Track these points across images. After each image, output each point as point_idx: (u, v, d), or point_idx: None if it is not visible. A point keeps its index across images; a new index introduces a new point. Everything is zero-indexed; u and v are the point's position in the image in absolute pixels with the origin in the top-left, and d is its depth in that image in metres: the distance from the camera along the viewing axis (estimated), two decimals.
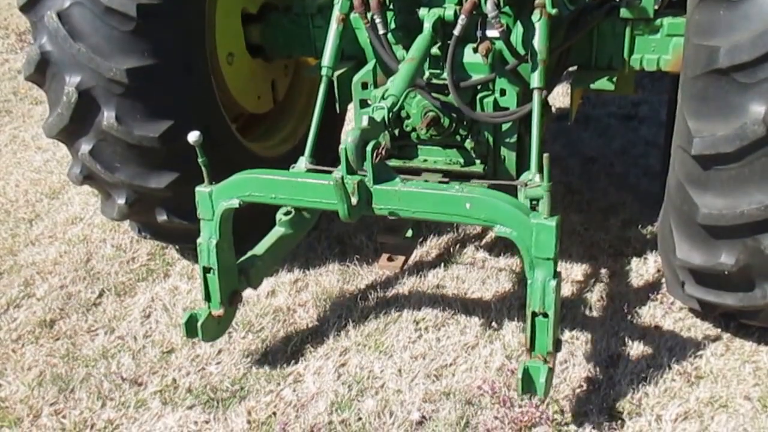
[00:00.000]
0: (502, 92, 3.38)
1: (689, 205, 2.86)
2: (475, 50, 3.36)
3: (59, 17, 3.29)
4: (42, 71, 3.46)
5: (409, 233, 3.76)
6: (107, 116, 3.43)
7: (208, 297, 3.24)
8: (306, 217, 3.53)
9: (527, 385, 2.74)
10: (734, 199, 2.68)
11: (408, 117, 3.57)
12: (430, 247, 4.44)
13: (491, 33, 3.37)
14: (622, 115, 6.15)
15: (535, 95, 3.26)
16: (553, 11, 3.23)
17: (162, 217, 3.86)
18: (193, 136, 2.96)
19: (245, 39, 4.21)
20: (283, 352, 3.63)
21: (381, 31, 3.34)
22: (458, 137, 3.57)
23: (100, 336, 3.82)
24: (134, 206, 3.80)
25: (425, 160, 3.69)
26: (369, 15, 3.34)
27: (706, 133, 2.66)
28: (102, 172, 3.62)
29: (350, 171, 2.79)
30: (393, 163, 3.70)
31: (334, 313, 3.89)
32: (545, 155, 2.65)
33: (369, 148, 2.77)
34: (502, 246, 4.32)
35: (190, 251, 4.40)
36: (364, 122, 2.86)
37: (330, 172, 2.94)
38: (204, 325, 3.22)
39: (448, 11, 3.40)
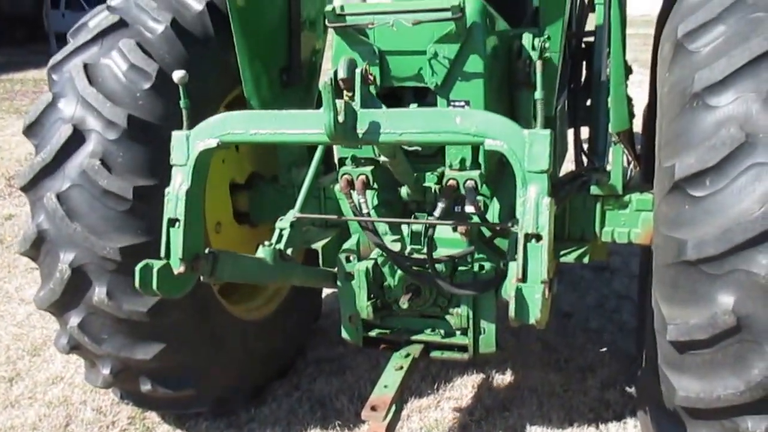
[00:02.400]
0: (481, 267, 3.54)
1: (667, 387, 2.95)
2: (455, 230, 3.54)
3: (58, 198, 3.44)
4: (37, 247, 3.58)
5: (392, 410, 3.79)
6: (98, 292, 3.53)
7: (168, 254, 2.88)
8: (286, 257, 3.47)
9: (521, 308, 2.46)
10: (710, 383, 2.75)
11: (390, 289, 3.70)
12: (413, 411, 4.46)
13: (469, 209, 3.56)
14: (594, 266, 6.34)
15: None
16: None
17: (146, 387, 3.90)
18: (178, 75, 2.87)
19: (233, 207, 4.40)
20: None
21: (365, 210, 3.52)
22: (438, 309, 3.69)
23: None
24: (119, 376, 3.84)
25: (407, 331, 3.78)
26: (354, 195, 3.53)
27: (679, 320, 2.77)
28: (89, 344, 3.68)
29: (338, 95, 2.67)
30: (374, 333, 3.80)
31: None
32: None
33: (358, 71, 2.72)
34: (483, 411, 4.37)
35: (170, 416, 4.39)
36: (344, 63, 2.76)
37: None
38: (160, 274, 2.79)
39: (428, 194, 3.61)
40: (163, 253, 2.93)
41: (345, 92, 2.77)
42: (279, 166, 4.36)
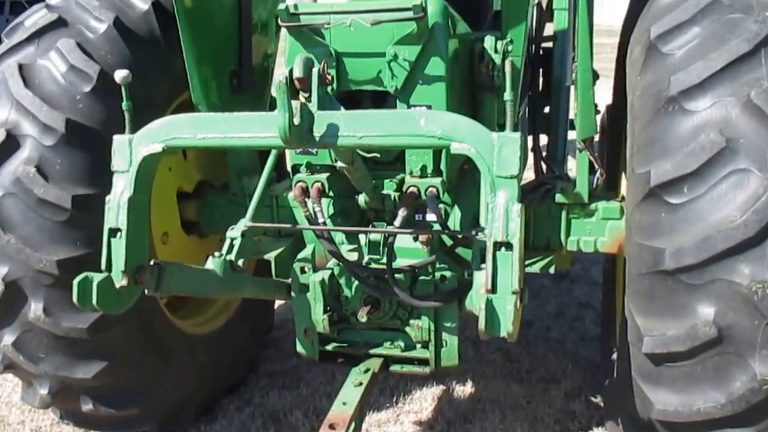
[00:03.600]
0: (443, 278, 3.40)
1: (642, 400, 2.85)
2: (416, 239, 3.40)
3: None
4: None
5: (352, 428, 3.62)
6: (34, 308, 3.30)
7: (109, 266, 2.67)
8: (237, 269, 3.29)
9: (491, 321, 2.32)
10: (689, 396, 2.66)
11: (347, 301, 3.54)
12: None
13: (430, 217, 3.42)
14: (554, 274, 6.25)
15: None
16: None
17: (87, 406, 3.67)
18: (120, 74, 2.70)
19: (180, 216, 4.19)
20: None
21: (320, 219, 3.35)
22: (398, 321, 3.54)
23: None
24: (58, 395, 3.61)
25: (365, 344, 3.63)
26: (309, 203, 3.37)
27: (656, 331, 2.67)
28: (25, 363, 3.44)
29: (293, 96, 2.52)
30: (331, 347, 3.63)
31: None
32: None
33: (315, 70, 2.60)
34: None
35: None
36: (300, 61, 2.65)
37: None
38: (101, 289, 2.59)
39: (387, 202, 3.46)
40: (103, 266, 2.71)
41: (301, 93, 2.61)
42: (229, 173, 4.16)
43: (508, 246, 2.40)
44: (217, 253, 3.29)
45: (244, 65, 3.96)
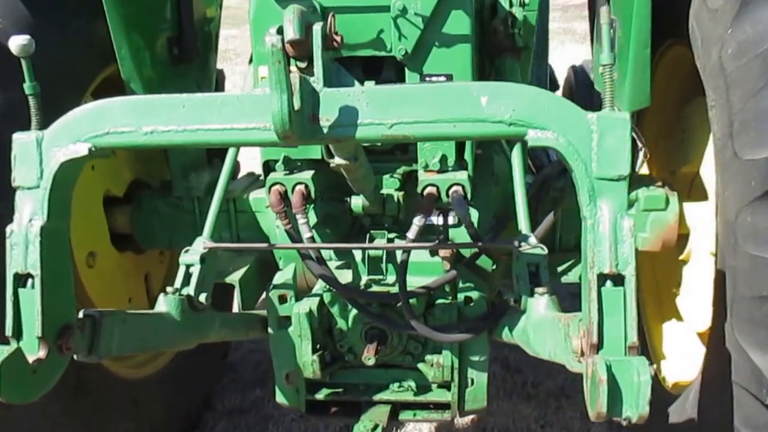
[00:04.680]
0: (467, 301, 2.61)
1: None
2: (433, 253, 2.60)
3: None
4: None
5: None
6: None
7: (18, 330, 1.87)
8: (199, 307, 2.46)
9: (613, 397, 1.57)
10: None
11: (342, 336, 2.72)
12: None
13: (438, 220, 2.63)
14: None
15: None
16: None
17: None
18: (17, 42, 1.85)
19: (109, 228, 3.27)
20: None
21: (306, 235, 2.52)
22: (410, 358, 2.75)
23: None
24: None
25: (367, 389, 2.82)
26: (293, 214, 2.53)
27: None
28: None
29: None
30: (322, 395, 2.81)
31: None
32: None
33: (317, 29, 1.74)
34: None
35: None
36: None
37: None
38: (6, 369, 1.77)
39: (389, 205, 2.65)
40: (9, 332, 1.86)
41: (296, 63, 1.75)
42: (171, 170, 3.25)
43: (618, 280, 1.67)
44: (170, 289, 2.41)
45: (185, 29, 3.06)
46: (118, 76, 2.84)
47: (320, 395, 2.81)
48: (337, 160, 2.13)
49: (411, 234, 2.42)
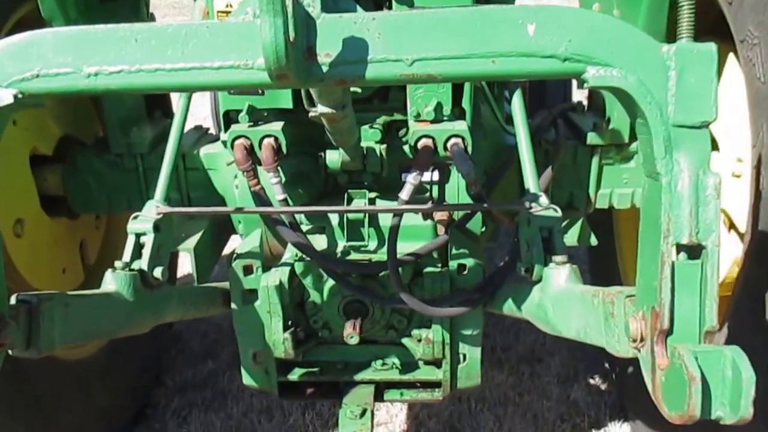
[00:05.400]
0: (460, 269, 2.31)
1: None
2: (427, 216, 2.28)
3: None
4: None
5: None
6: None
7: None
8: (155, 283, 2.10)
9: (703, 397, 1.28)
10: None
11: (317, 309, 2.40)
12: None
13: (425, 176, 2.30)
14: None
15: None
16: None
17: None
18: None
19: (38, 191, 2.84)
20: None
21: (279, 196, 2.16)
22: (393, 333, 2.45)
23: None
24: None
25: (346, 367, 2.52)
26: (261, 172, 2.17)
27: None
28: None
29: None
30: (296, 376, 2.49)
31: None
32: None
33: None
34: None
35: None
36: None
37: None
38: None
39: (371, 159, 2.31)
40: None
41: None
42: (107, 124, 2.84)
43: (695, 251, 1.36)
44: (118, 264, 2.03)
45: None
46: (37, 15, 2.40)
47: (294, 376, 2.49)
48: (321, 109, 1.77)
49: (404, 194, 2.09)
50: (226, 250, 2.88)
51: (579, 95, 3.85)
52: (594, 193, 2.76)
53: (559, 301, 1.91)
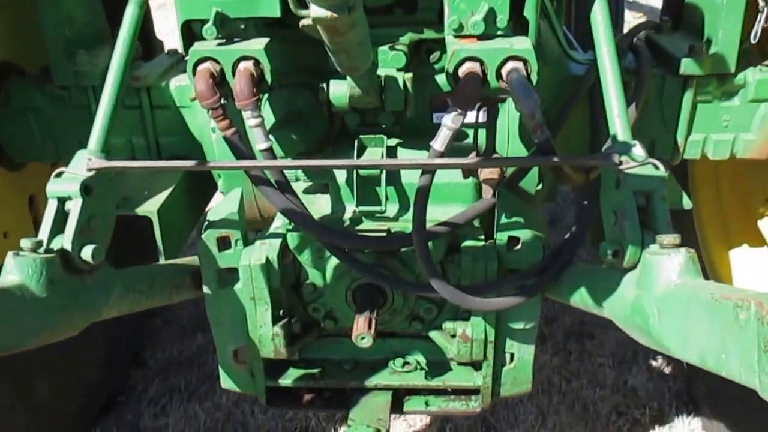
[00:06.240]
0: (512, 242, 1.68)
1: None
2: (469, 174, 1.64)
3: None
4: None
5: None
6: None
7: None
8: (84, 267, 1.52)
9: None
10: None
11: (316, 295, 1.80)
12: None
13: (467, 117, 1.64)
14: None
15: None
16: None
17: None
18: None
19: None
20: None
21: (261, 144, 1.53)
22: (419, 325, 1.85)
23: None
24: None
25: (354, 369, 1.92)
26: (242, 109, 1.53)
27: None
28: None
29: None
30: (290, 380, 1.90)
31: None
32: None
33: None
34: None
35: None
36: None
37: None
38: None
39: (391, 94, 1.65)
40: None
41: None
42: (48, 46, 2.17)
43: None
44: (26, 243, 1.42)
45: None
46: None
47: (287, 380, 1.92)
48: (315, 12, 1.12)
49: (438, 142, 1.44)
50: None
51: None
52: (683, 139, 2.10)
53: (670, 304, 1.28)
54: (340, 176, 1.74)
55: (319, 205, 1.78)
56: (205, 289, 1.79)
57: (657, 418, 2.81)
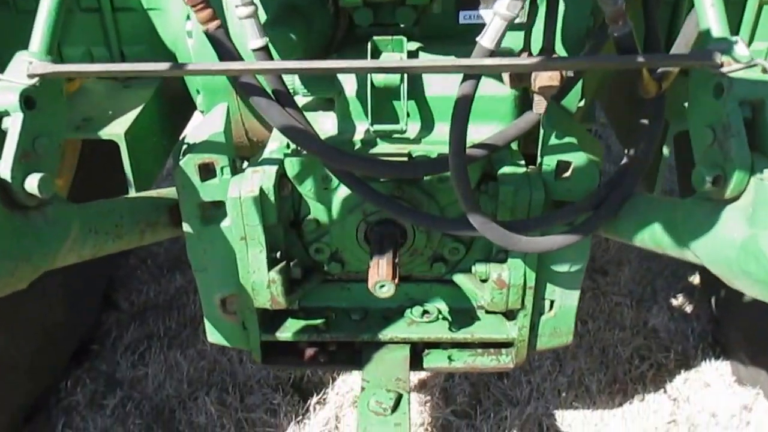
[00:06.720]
0: (562, 167, 1.38)
1: None
2: (519, 82, 1.31)
3: None
4: None
5: None
6: None
7: None
8: (24, 203, 1.18)
9: None
10: None
11: (320, 233, 1.50)
12: None
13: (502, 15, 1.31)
14: None
15: None
16: None
17: None
18: None
19: None
20: None
21: (256, 43, 1.20)
22: (442, 266, 1.56)
23: None
24: None
25: (365, 319, 1.64)
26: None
27: None
28: None
29: None
30: (289, 333, 1.61)
31: None
32: None
33: None
34: None
35: None
36: None
37: None
38: None
39: None
40: None
41: None
42: None
43: None
44: None
45: None
46: None
47: (285, 333, 1.63)
48: None
49: (487, 38, 1.12)
50: None
51: None
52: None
53: None
54: (350, 88, 1.42)
55: (324, 125, 1.46)
56: (185, 228, 1.47)
57: (682, 362, 2.58)
